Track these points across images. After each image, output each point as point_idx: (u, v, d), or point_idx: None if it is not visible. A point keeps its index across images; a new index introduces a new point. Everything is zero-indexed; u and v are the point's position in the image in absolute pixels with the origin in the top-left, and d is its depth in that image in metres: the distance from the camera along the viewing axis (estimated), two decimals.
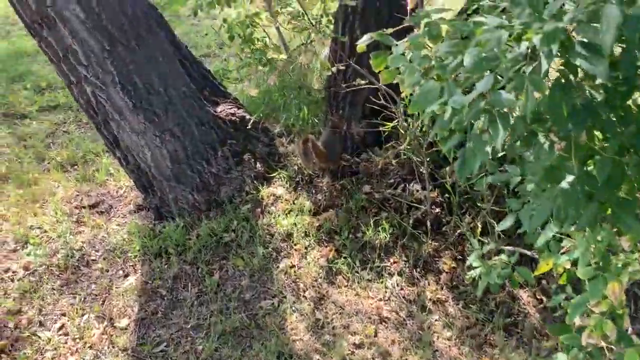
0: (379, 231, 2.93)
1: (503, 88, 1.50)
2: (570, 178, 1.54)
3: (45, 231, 3.19)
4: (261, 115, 3.59)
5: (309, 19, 3.12)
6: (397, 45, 2.07)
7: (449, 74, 1.65)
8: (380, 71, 2.02)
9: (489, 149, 1.65)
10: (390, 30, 2.23)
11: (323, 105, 3.81)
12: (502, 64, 1.49)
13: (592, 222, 1.60)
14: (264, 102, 3.93)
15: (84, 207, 3.44)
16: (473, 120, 1.58)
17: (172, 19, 4.84)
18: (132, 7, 2.71)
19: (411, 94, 1.92)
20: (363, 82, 3.08)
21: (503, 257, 2.44)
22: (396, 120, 3.21)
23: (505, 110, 1.52)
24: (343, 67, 3.24)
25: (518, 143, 1.64)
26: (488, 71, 1.57)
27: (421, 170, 3.08)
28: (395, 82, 2.10)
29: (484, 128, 1.55)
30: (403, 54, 2.01)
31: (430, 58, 1.85)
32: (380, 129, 3.24)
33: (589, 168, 1.65)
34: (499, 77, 1.52)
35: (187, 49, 3.58)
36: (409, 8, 2.22)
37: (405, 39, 2.09)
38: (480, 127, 1.57)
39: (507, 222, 2.27)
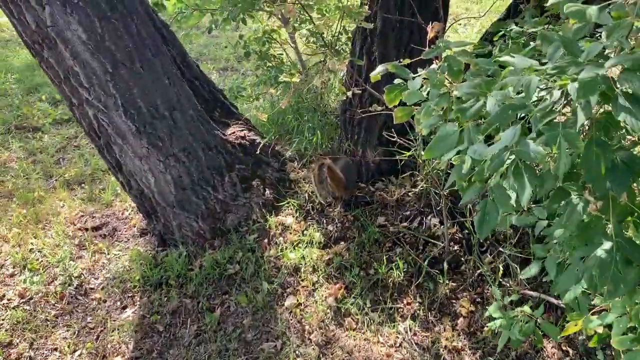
0: (392, 268, 2.74)
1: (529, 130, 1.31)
2: (607, 245, 1.34)
3: (45, 255, 3.07)
4: (272, 138, 3.44)
5: (324, 39, 2.96)
6: (413, 78, 1.89)
7: (470, 118, 1.47)
8: (395, 106, 1.85)
9: (512, 202, 1.46)
10: (407, 61, 2.05)
11: (337, 129, 3.65)
12: (531, 113, 1.31)
13: (630, 289, 1.38)
14: (275, 124, 3.78)
15: (87, 229, 3.33)
16: (495, 172, 1.39)
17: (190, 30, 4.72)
18: (137, 27, 2.59)
19: (430, 135, 1.74)
20: (380, 107, 2.91)
21: (526, 308, 2.23)
22: (413, 149, 3.03)
23: (534, 164, 1.33)
24: (359, 92, 3.08)
25: (547, 201, 1.44)
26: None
27: (439, 203, 2.89)
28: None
29: (507, 181, 1.37)
30: (420, 89, 1.83)
31: (450, 96, 1.67)
32: (397, 157, 3.06)
33: (628, 232, 1.45)
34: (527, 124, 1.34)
35: (198, 68, 3.45)
36: (429, 37, 2.04)
37: (422, 73, 1.91)
38: (503, 178, 1.39)
39: (532, 271, 2.07)
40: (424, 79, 1.78)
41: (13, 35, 7.04)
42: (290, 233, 2.97)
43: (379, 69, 1.99)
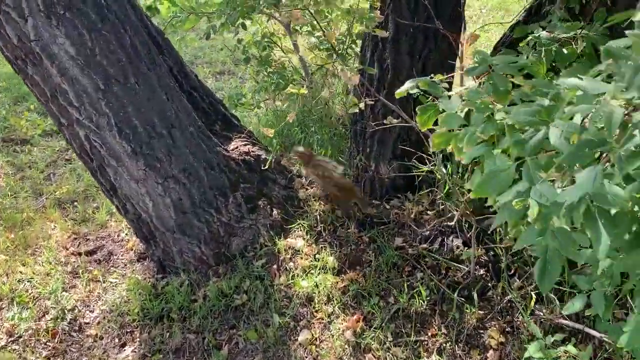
0: (413, 296, 2.52)
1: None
2: None
3: (35, 286, 2.84)
4: (277, 152, 3.21)
5: (334, 48, 2.73)
6: (449, 98, 1.67)
7: (531, 154, 1.25)
8: (431, 130, 1.63)
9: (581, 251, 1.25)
10: (440, 77, 1.83)
11: (347, 140, 3.42)
12: (613, 151, 1.09)
13: None
14: (280, 135, 3.55)
15: (80, 254, 3.09)
16: (567, 218, 1.17)
17: (186, 34, 4.48)
18: (131, 38, 2.35)
19: (475, 162, 1.52)
20: (395, 120, 2.69)
21: (571, 348, 2.02)
22: (432, 163, 2.81)
23: (613, 210, 1.11)
24: (372, 102, 2.86)
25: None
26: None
27: (461, 223, 2.67)
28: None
29: (577, 226, 1.15)
30: (459, 111, 1.60)
31: (496, 119, 1.45)
32: (414, 173, 2.84)
33: None
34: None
35: (196, 78, 3.21)
36: (465, 50, 1.79)
37: (459, 91, 1.68)
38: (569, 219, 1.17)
39: (576, 305, 1.84)
40: (463, 99, 1.56)
41: None
42: (302, 257, 2.74)
43: (407, 85, 1.76)
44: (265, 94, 4.48)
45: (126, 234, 3.24)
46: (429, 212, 2.83)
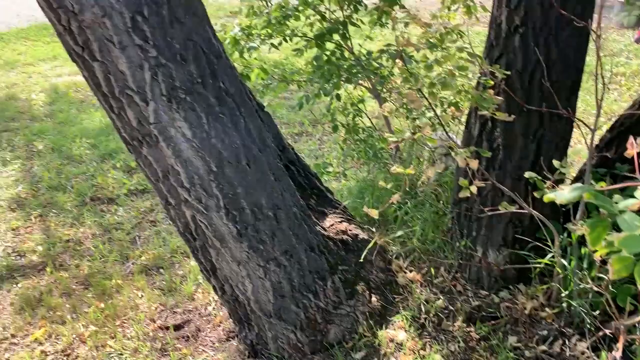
0: None
1: None
2: None
3: None
4: (375, 231, 3.07)
5: (446, 131, 2.59)
6: (624, 214, 1.47)
7: None
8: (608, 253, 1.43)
9: None
10: (603, 185, 1.63)
11: (447, 217, 3.24)
12: None
13: None
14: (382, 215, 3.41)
15: (167, 328, 3.00)
16: None
17: (260, 90, 4.41)
18: (245, 121, 2.30)
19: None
20: (512, 207, 2.50)
21: None
22: (551, 255, 2.59)
23: None
24: (483, 185, 2.68)
25: None
26: None
27: (586, 324, 2.41)
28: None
29: None
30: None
31: None
32: (530, 265, 2.62)
33: None
34: None
35: (293, 151, 3.15)
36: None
37: (635, 204, 1.48)
38: None
39: None
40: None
41: (88, 95, 7.09)
42: (405, 353, 2.53)
43: (569, 193, 1.57)
44: (352, 162, 4.39)
45: (213, 308, 3.14)
46: (546, 308, 2.57)
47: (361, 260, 2.83)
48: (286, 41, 3.76)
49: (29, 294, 3.31)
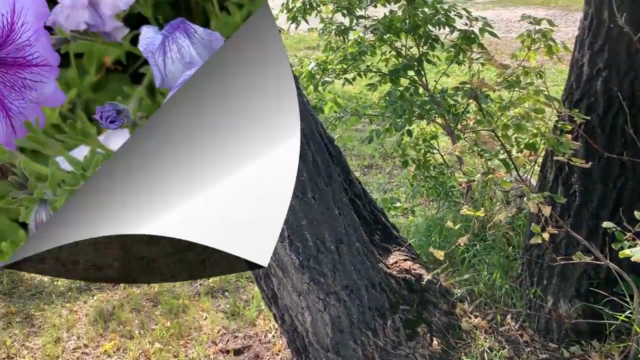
0: None
1: None
2: None
3: None
4: (439, 272, 3.00)
5: (520, 176, 2.52)
6: None
7: None
8: None
9: None
10: None
11: (516, 262, 3.11)
12: None
13: None
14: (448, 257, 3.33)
15: (228, 352, 3.06)
16: None
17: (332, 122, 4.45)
18: (313, 154, 2.35)
19: None
20: (588, 258, 2.37)
21: None
22: (629, 311, 2.42)
23: None
24: (556, 232, 2.56)
25: None
26: None
27: None
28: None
29: None
30: None
31: None
32: (606, 321, 2.46)
33: None
34: None
35: (360, 185, 3.16)
36: None
37: None
38: None
39: None
40: None
41: None
42: None
43: None
44: (421, 198, 4.33)
45: (273, 336, 3.17)
46: None
47: (424, 301, 2.77)
48: (360, 77, 3.82)
49: (102, 307, 3.49)
